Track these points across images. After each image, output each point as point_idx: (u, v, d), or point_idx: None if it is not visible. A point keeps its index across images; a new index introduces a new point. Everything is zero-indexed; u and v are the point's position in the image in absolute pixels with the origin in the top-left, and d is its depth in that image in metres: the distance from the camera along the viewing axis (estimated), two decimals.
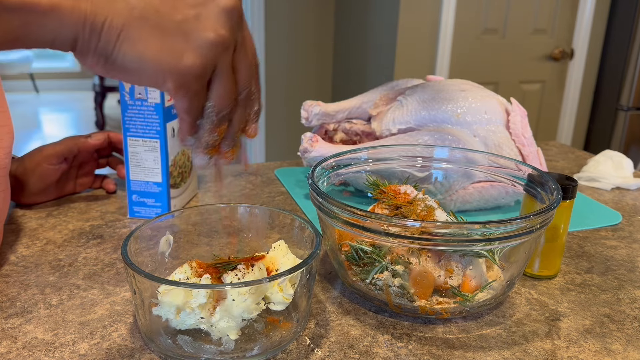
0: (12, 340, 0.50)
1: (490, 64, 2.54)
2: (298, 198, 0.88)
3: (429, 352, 0.51)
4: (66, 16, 0.37)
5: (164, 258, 0.58)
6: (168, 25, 0.38)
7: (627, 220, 0.83)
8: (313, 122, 0.92)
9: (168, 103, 0.73)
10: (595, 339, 0.53)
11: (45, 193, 0.81)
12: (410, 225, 0.50)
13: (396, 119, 0.85)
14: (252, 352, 0.48)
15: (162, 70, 0.39)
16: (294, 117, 2.98)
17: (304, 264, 0.48)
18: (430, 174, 0.74)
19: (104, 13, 0.37)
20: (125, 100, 0.72)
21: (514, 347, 0.52)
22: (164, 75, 0.40)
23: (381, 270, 0.54)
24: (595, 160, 1.01)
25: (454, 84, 0.88)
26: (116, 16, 0.37)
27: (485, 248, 0.52)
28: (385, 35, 2.45)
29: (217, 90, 0.42)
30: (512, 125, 0.84)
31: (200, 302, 0.46)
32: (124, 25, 0.38)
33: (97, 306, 0.56)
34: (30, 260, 0.65)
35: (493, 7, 2.44)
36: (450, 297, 0.54)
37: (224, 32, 0.40)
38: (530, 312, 0.58)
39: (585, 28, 2.58)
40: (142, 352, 0.49)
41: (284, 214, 0.59)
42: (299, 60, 2.99)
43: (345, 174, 0.70)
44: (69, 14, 0.37)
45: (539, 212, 0.52)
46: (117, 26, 0.38)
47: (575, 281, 0.65)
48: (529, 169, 0.64)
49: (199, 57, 0.39)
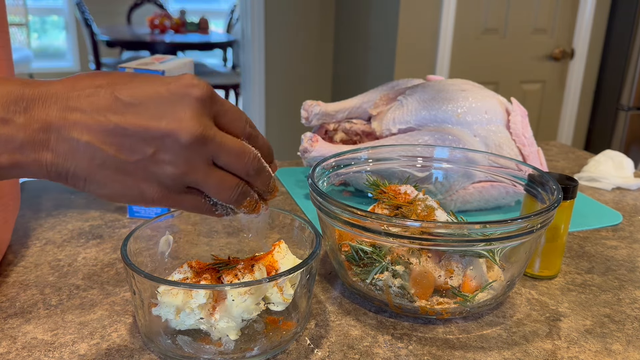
0: (12, 341, 0.50)
1: (490, 64, 2.54)
2: (298, 198, 0.88)
3: (429, 352, 0.51)
4: (29, 169, 0.38)
5: (164, 258, 0.58)
6: (128, 167, 0.39)
7: (628, 220, 0.83)
8: (313, 122, 0.92)
9: None
10: (596, 339, 0.53)
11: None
12: (411, 225, 0.50)
13: (396, 118, 0.85)
14: (252, 353, 0.48)
15: (132, 202, 0.42)
16: (294, 117, 2.98)
17: (304, 264, 0.48)
18: (430, 174, 0.74)
19: (66, 164, 0.38)
20: None
21: (514, 348, 0.51)
22: (135, 203, 0.42)
23: (381, 271, 0.54)
24: (595, 160, 1.01)
25: (454, 84, 0.88)
26: (78, 167, 0.38)
27: (485, 248, 0.52)
28: (385, 35, 2.45)
29: (209, 191, 0.42)
30: (513, 125, 0.84)
31: (200, 303, 0.46)
32: (87, 174, 0.39)
33: (96, 306, 0.56)
34: (30, 260, 0.65)
35: (493, 7, 2.44)
36: (451, 297, 0.54)
37: (181, 164, 0.40)
38: (530, 312, 0.58)
39: (586, 28, 2.58)
40: (142, 353, 0.49)
41: (284, 214, 0.59)
42: (299, 60, 2.99)
43: (345, 174, 0.70)
44: (32, 167, 0.38)
45: (540, 212, 0.52)
46: (81, 175, 0.39)
47: (575, 281, 0.64)
48: (529, 169, 0.64)
49: (159, 191, 0.41)
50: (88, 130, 0.38)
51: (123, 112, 0.38)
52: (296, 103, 2.49)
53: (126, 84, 0.39)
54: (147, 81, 0.40)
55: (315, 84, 3.06)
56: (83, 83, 0.39)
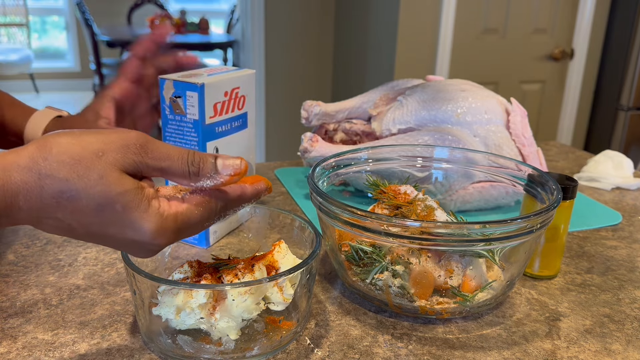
0: (12, 340, 0.50)
1: (490, 64, 2.54)
2: (298, 198, 0.88)
3: (429, 352, 0.51)
4: (7, 223, 0.40)
5: (164, 258, 0.58)
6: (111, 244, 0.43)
7: (627, 220, 0.83)
8: (313, 122, 0.92)
9: (210, 120, 0.64)
10: (596, 339, 0.53)
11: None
12: (410, 225, 0.50)
13: (396, 119, 0.85)
14: (252, 352, 0.48)
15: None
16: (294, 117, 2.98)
17: (304, 264, 0.48)
18: (430, 174, 0.74)
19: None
20: (165, 115, 0.65)
21: (514, 347, 0.52)
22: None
23: (381, 271, 0.54)
24: (595, 161, 1.01)
25: (454, 84, 0.88)
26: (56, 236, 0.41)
27: (485, 248, 0.52)
28: (385, 35, 2.45)
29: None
30: (512, 125, 0.84)
31: (200, 302, 0.46)
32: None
33: (97, 306, 0.56)
34: (30, 260, 0.65)
35: (493, 7, 2.44)
36: (451, 297, 0.54)
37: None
38: (530, 312, 0.58)
39: (585, 28, 2.58)
40: (142, 352, 0.49)
41: (284, 214, 0.59)
42: (299, 60, 2.99)
43: (345, 174, 0.70)
44: (7, 223, 0.41)
45: (539, 212, 0.52)
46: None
47: (575, 281, 0.64)
48: (529, 169, 0.64)
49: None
50: (55, 230, 0.41)
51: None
52: (296, 103, 2.49)
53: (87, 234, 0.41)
54: (104, 237, 0.41)
55: (315, 84, 3.07)
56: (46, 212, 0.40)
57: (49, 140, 0.39)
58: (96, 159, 0.39)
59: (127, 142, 0.40)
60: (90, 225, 0.40)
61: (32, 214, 0.39)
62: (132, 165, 0.40)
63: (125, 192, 0.39)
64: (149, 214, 0.40)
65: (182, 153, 0.41)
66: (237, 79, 0.68)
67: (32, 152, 0.39)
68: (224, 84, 0.66)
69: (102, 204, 0.39)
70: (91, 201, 0.39)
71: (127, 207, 0.39)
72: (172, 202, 0.42)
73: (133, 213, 0.39)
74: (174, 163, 0.41)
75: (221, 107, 0.65)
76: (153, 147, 0.41)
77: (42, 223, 0.40)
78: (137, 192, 0.40)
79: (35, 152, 0.39)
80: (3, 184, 0.38)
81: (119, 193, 0.39)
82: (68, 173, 0.38)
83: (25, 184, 0.38)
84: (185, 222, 0.42)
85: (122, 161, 0.39)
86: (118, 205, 0.39)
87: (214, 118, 0.65)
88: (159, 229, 0.40)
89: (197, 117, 0.63)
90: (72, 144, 0.39)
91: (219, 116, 0.65)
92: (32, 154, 0.39)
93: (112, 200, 0.39)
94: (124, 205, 0.39)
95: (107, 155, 0.39)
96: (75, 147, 0.39)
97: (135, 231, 0.40)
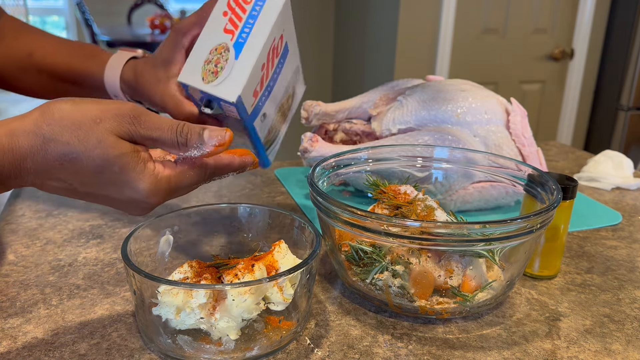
0: (12, 340, 0.50)
1: (490, 64, 2.54)
2: (298, 198, 0.88)
3: (429, 352, 0.51)
4: (15, 184, 0.44)
5: (164, 258, 0.58)
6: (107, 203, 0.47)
7: (627, 220, 0.83)
8: (313, 122, 0.92)
9: (251, 108, 0.59)
10: (596, 339, 0.53)
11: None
12: (410, 225, 0.50)
13: (396, 119, 0.85)
14: (252, 352, 0.48)
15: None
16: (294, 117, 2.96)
17: (304, 264, 0.48)
18: (430, 174, 0.74)
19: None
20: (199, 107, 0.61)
21: (514, 347, 0.52)
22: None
23: (381, 271, 0.54)
24: (595, 161, 1.01)
25: (454, 84, 0.88)
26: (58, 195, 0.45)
27: (485, 248, 0.52)
28: (385, 35, 2.45)
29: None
30: (512, 125, 0.84)
31: (200, 302, 0.46)
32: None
33: (97, 306, 0.56)
34: (30, 260, 0.65)
35: (493, 7, 2.44)
36: (450, 297, 0.54)
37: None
38: (530, 312, 0.58)
39: (585, 28, 2.58)
40: (142, 352, 0.49)
41: (284, 214, 0.59)
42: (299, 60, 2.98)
43: (345, 174, 0.70)
44: (15, 185, 0.44)
45: (539, 212, 0.52)
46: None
47: (575, 281, 0.64)
48: (529, 169, 0.64)
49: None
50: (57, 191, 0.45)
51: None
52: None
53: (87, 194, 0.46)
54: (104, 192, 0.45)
55: (315, 84, 3.06)
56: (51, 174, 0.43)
57: (51, 107, 0.43)
58: (94, 125, 0.42)
59: (122, 112, 0.43)
60: (90, 185, 0.44)
61: (39, 175, 0.43)
62: (126, 133, 0.43)
63: (122, 154, 0.43)
64: (145, 175, 0.44)
65: (172, 124, 0.45)
66: (269, 34, 0.54)
67: (36, 118, 0.42)
68: (261, 57, 0.55)
69: (102, 166, 0.42)
70: (91, 162, 0.42)
71: (124, 168, 0.43)
72: (166, 164, 0.46)
73: (130, 174, 0.43)
74: (164, 133, 0.44)
75: (260, 83, 0.58)
76: (146, 118, 0.44)
77: (46, 184, 0.44)
78: (133, 155, 0.43)
79: (39, 117, 0.42)
80: (12, 148, 0.41)
81: (116, 156, 0.42)
82: (69, 137, 0.42)
83: (32, 147, 0.42)
84: (177, 183, 0.46)
85: (118, 128, 0.43)
86: (116, 167, 0.43)
87: (257, 96, 0.58)
88: (154, 189, 0.44)
89: (239, 117, 0.59)
90: (73, 110, 0.42)
91: (261, 90, 0.60)
92: (36, 119, 0.42)
93: (110, 163, 0.42)
94: (121, 167, 0.43)
95: (104, 122, 0.42)
96: (76, 114, 0.42)
97: (131, 190, 0.44)
